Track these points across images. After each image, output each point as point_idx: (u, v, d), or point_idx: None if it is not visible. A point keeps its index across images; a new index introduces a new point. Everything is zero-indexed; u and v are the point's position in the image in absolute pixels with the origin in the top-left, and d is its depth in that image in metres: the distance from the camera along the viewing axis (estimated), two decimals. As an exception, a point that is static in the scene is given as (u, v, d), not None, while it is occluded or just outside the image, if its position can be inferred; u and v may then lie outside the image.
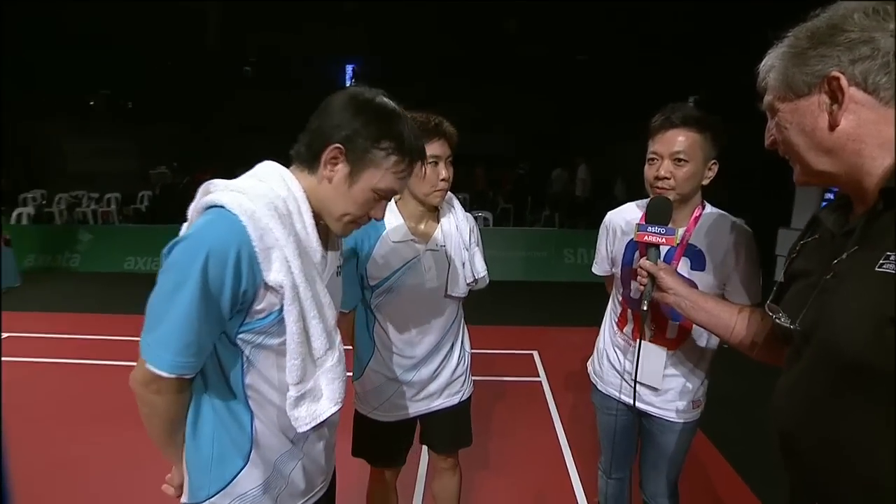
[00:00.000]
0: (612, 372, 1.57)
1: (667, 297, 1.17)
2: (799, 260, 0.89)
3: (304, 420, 0.94)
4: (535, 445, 2.78)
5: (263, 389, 0.93)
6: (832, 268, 0.74)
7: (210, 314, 0.83)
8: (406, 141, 0.94)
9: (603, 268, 1.61)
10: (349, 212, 0.95)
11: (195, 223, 0.86)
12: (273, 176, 0.92)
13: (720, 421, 2.44)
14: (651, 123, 1.35)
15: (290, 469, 1.00)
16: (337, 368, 0.98)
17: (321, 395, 0.96)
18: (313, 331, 0.92)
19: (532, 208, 10.11)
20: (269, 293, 0.87)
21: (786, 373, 0.83)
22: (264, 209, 0.84)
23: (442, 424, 1.66)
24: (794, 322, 0.80)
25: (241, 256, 0.82)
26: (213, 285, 0.81)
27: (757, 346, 1.07)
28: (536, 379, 3.64)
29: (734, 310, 1.14)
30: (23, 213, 8.37)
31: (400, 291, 1.47)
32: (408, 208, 1.50)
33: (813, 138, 0.73)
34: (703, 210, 1.40)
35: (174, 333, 0.81)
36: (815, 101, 0.72)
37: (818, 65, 0.70)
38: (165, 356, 0.83)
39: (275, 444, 0.97)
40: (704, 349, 1.45)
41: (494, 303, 5.68)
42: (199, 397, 0.94)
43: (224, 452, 0.93)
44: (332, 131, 0.91)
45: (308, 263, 0.91)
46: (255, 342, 0.90)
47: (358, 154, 0.91)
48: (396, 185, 0.96)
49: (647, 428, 1.55)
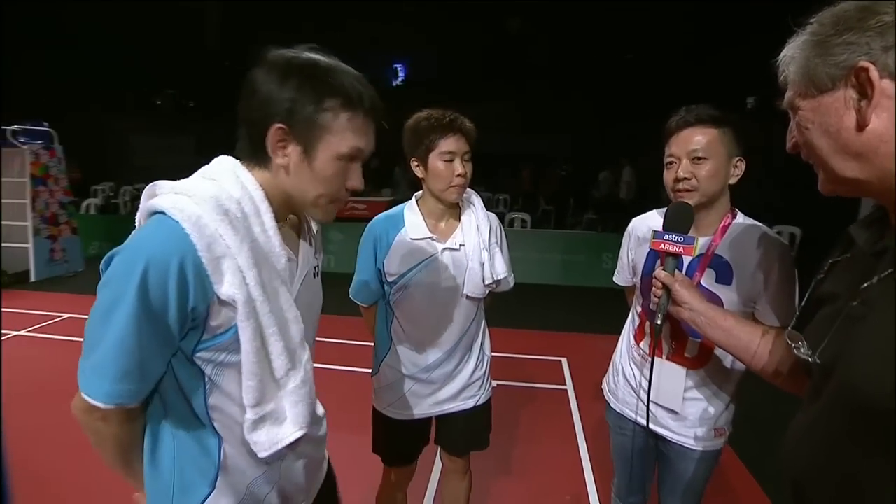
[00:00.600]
0: (628, 390, 1.47)
1: (681, 312, 1.09)
2: (827, 282, 0.78)
3: (263, 445, 0.83)
4: (555, 455, 2.69)
5: (230, 410, 0.83)
6: (860, 293, 0.64)
7: (154, 335, 0.72)
8: (352, 90, 0.80)
9: (624, 277, 1.52)
10: (322, 192, 0.83)
11: (136, 232, 0.76)
12: (226, 173, 0.80)
13: (751, 438, 2.26)
14: (665, 127, 1.26)
15: (266, 493, 0.90)
16: (301, 390, 0.86)
17: (284, 419, 0.85)
18: (272, 349, 0.81)
19: (574, 211, 9.88)
20: (224, 308, 0.76)
21: (802, 412, 0.74)
22: (212, 213, 0.73)
23: (456, 426, 1.63)
24: (814, 354, 0.70)
25: (185, 269, 0.71)
26: (155, 303, 0.70)
27: (781, 375, 0.96)
28: (563, 387, 3.54)
29: (757, 331, 1.02)
30: (91, 204, 9.06)
31: (416, 289, 1.47)
32: (427, 206, 1.50)
33: (838, 140, 0.63)
34: (734, 219, 1.28)
35: (110, 359, 0.72)
36: (841, 97, 0.62)
37: (843, 54, 0.60)
38: (102, 385, 0.73)
39: (246, 468, 0.87)
40: (730, 371, 1.32)
41: (526, 305, 5.61)
42: (158, 422, 0.83)
43: (187, 481, 0.84)
44: (267, 111, 0.78)
45: (269, 272, 0.80)
46: (215, 360, 0.80)
47: (304, 126, 0.78)
48: (361, 142, 0.83)
49: (663, 452, 1.44)
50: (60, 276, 6.23)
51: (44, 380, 3.38)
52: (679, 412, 1.33)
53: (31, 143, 6.03)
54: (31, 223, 5.98)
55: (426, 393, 1.55)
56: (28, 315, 4.70)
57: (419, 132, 1.40)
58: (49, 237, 6.21)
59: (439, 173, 1.40)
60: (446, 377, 1.54)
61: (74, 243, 6.53)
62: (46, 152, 6.20)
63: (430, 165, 1.41)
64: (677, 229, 1.13)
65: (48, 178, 6.21)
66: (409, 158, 1.45)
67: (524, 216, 7.94)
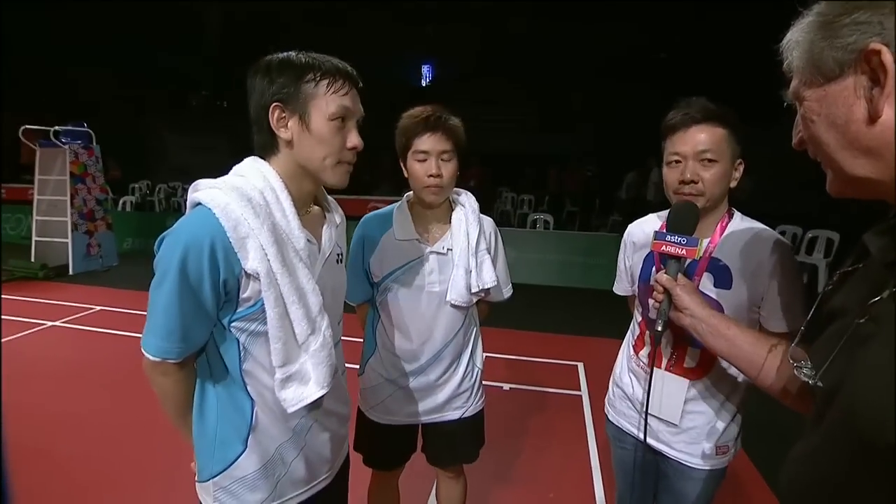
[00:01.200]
0: (626, 402, 1.40)
1: (682, 318, 1.01)
2: (837, 294, 0.70)
3: (290, 402, 0.96)
4: (565, 462, 2.63)
5: (261, 376, 0.97)
6: (868, 309, 0.57)
7: (193, 304, 0.88)
8: (324, 64, 0.95)
9: (623, 286, 1.45)
10: (326, 153, 0.96)
11: (181, 219, 0.93)
12: (251, 170, 0.97)
13: (766, 444, 2.14)
14: (666, 121, 1.18)
15: (292, 458, 1.03)
16: (321, 353, 0.98)
17: (309, 379, 0.98)
18: (294, 315, 0.95)
19: (599, 212, 9.69)
20: (252, 281, 0.91)
21: (803, 440, 0.67)
22: (237, 201, 0.89)
23: (440, 437, 1.59)
24: (817, 376, 0.64)
25: (215, 248, 0.87)
26: (193, 277, 0.87)
27: (790, 395, 0.86)
28: (577, 392, 3.46)
29: (764, 345, 0.92)
30: (127, 201, 9.44)
31: (399, 291, 1.44)
32: (416, 207, 1.46)
33: (846, 134, 0.56)
34: (731, 219, 1.21)
35: (159, 321, 0.89)
36: (850, 85, 0.55)
37: (852, 35, 0.53)
38: (153, 341, 0.91)
39: (275, 432, 1.00)
40: (735, 383, 1.23)
41: (546, 308, 5.54)
42: (204, 382, 1.00)
43: (226, 436, 0.98)
44: (264, 101, 0.94)
45: (288, 250, 0.94)
46: (248, 329, 0.95)
47: (294, 98, 0.93)
48: (346, 101, 0.96)
49: (662, 469, 1.36)
50: (96, 270, 6.51)
51: (74, 370, 3.54)
52: (679, 426, 1.26)
53: (71, 143, 6.33)
54: (70, 219, 6.27)
55: (407, 400, 1.50)
56: (64, 306, 4.94)
57: (400, 131, 1.38)
58: (86, 232, 6.51)
59: (414, 173, 1.36)
60: (430, 386, 1.50)
61: (109, 238, 6.82)
62: (85, 151, 6.50)
63: (408, 165, 1.38)
64: (681, 230, 1.07)
65: (86, 175, 6.51)
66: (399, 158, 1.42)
67: (547, 217, 7.83)
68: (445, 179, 1.36)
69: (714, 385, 1.24)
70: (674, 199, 1.19)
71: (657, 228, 1.29)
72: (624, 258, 1.42)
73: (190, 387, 1.01)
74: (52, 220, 6.38)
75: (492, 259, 1.49)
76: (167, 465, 2.33)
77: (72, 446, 2.61)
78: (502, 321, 4.47)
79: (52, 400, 3.08)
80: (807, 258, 6.28)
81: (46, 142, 6.29)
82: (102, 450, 2.57)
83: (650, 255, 1.29)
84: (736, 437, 1.29)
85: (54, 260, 6.26)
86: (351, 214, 1.53)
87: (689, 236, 1.06)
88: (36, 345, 4.02)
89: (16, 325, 4.33)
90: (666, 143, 1.20)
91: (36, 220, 6.45)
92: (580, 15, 10.68)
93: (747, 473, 2.41)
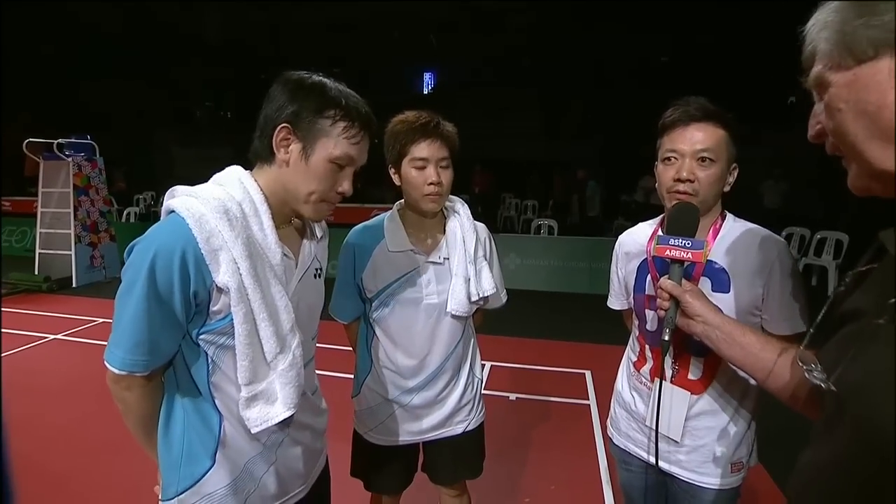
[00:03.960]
0: (631, 423, 1.31)
1: (693, 326, 0.95)
2: (851, 295, 0.66)
3: (255, 422, 0.93)
4: (574, 474, 2.55)
5: (229, 390, 0.94)
6: (887, 308, 0.53)
7: (162, 314, 0.85)
8: (351, 106, 0.94)
9: (619, 300, 1.38)
10: (313, 189, 0.95)
11: (153, 226, 0.90)
12: (231, 180, 0.94)
13: (783, 453, 2.07)
14: (664, 119, 1.13)
15: (262, 472, 1.00)
16: (289, 373, 0.95)
17: (276, 399, 0.95)
18: (263, 333, 0.91)
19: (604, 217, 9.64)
20: (223, 295, 0.88)
21: (812, 448, 0.63)
22: (213, 212, 0.86)
23: (444, 454, 1.52)
24: (829, 380, 0.60)
25: (186, 258, 0.84)
26: (162, 287, 0.83)
27: (800, 400, 0.83)
28: (585, 401, 3.39)
29: (776, 349, 0.88)
30: (131, 212, 9.47)
31: (397, 306, 1.38)
32: (408, 216, 1.40)
33: (878, 122, 0.52)
34: (724, 222, 1.16)
35: (126, 332, 0.85)
36: (885, 68, 0.50)
37: (890, 12, 0.49)
38: (117, 353, 0.86)
39: (244, 446, 0.97)
40: (745, 392, 1.16)
41: (551, 314, 5.48)
42: (171, 396, 0.96)
43: (192, 451, 0.94)
44: (276, 114, 0.92)
45: (262, 265, 0.91)
46: (216, 343, 0.91)
47: (306, 128, 0.92)
48: (352, 150, 0.95)
49: (672, 492, 1.27)
50: (99, 282, 6.51)
51: (77, 382, 3.50)
52: (687, 444, 1.18)
53: (74, 156, 6.36)
54: (74, 231, 6.28)
55: (410, 418, 1.44)
56: (67, 319, 4.92)
57: (392, 137, 1.32)
58: (90, 244, 6.51)
59: (411, 181, 1.31)
60: (432, 402, 1.44)
61: (112, 250, 6.82)
62: (89, 164, 6.52)
63: (403, 173, 1.33)
64: (682, 233, 1.02)
65: (90, 188, 6.53)
66: (387, 166, 1.36)
67: (551, 223, 7.78)
68: (445, 186, 1.32)
69: (721, 397, 1.16)
70: (667, 197, 1.14)
71: (649, 235, 1.25)
72: (617, 270, 1.36)
73: (156, 402, 0.96)
74: (55, 233, 6.39)
75: (489, 265, 1.45)
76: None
77: (74, 460, 2.57)
78: (507, 329, 4.40)
79: (56, 413, 3.04)
80: (815, 260, 6.19)
81: (50, 154, 6.32)
82: (98, 462, 2.53)
83: (644, 264, 1.24)
84: (750, 451, 1.21)
85: (58, 272, 6.26)
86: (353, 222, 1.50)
87: (693, 238, 1.01)
88: (40, 358, 3.99)
89: (20, 338, 4.31)
90: (663, 140, 1.15)
91: (40, 233, 6.47)
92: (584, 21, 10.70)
93: (765, 488, 2.33)
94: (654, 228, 1.27)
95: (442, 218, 1.43)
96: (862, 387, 0.54)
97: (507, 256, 6.50)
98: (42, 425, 2.88)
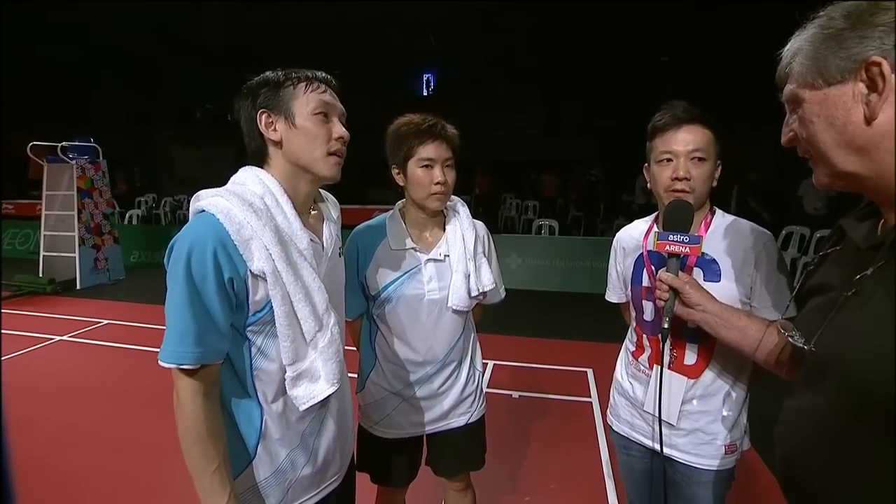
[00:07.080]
0: (630, 409, 1.39)
1: (693, 315, 1.05)
2: (818, 272, 0.82)
3: (302, 399, 0.98)
4: (577, 471, 2.59)
5: (270, 375, 0.99)
6: (854, 283, 0.67)
7: (202, 303, 0.89)
8: (298, 71, 1.02)
9: (617, 294, 1.45)
10: (315, 145, 1.01)
11: (185, 226, 0.95)
12: (249, 178, 1.01)
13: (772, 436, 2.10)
14: (655, 122, 1.22)
15: (302, 463, 1.05)
16: (329, 349, 1.00)
17: (319, 376, 1.00)
18: (301, 313, 0.97)
19: (604, 217, 9.65)
20: (261, 282, 0.93)
21: (794, 397, 0.77)
22: (239, 206, 0.92)
23: (447, 445, 1.57)
24: (809, 343, 0.74)
25: (218, 248, 0.89)
26: (197, 276, 0.88)
27: (784, 365, 0.97)
28: (587, 399, 3.42)
29: (763, 325, 1.01)
30: (133, 215, 9.51)
31: (400, 302, 1.42)
32: (409, 215, 1.45)
33: (844, 134, 0.65)
34: (714, 216, 1.25)
35: (172, 325, 0.90)
36: (850, 91, 0.64)
37: (856, 47, 0.62)
38: (167, 348, 0.90)
39: (284, 438, 1.02)
40: (737, 377, 1.23)
41: (552, 314, 5.51)
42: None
43: (235, 445, 0.98)
44: (251, 112, 1.01)
45: (291, 250, 0.97)
46: (262, 332, 0.97)
47: (277, 104, 1.00)
48: (324, 98, 1.03)
49: (669, 476, 1.33)
50: (103, 284, 6.55)
51: (81, 383, 3.54)
52: (683, 427, 1.25)
53: (78, 158, 6.40)
54: (78, 234, 6.32)
55: (414, 411, 1.48)
56: (71, 321, 4.96)
57: (398, 138, 1.37)
58: (93, 246, 6.55)
59: (418, 181, 1.35)
60: (435, 394, 1.48)
61: (116, 252, 6.87)
62: (92, 166, 6.57)
63: (409, 173, 1.37)
64: (679, 229, 1.10)
65: (93, 190, 6.57)
66: (390, 166, 1.41)
67: (552, 223, 7.81)
68: (450, 186, 1.38)
69: (714, 381, 1.24)
70: (664, 196, 1.21)
71: (645, 231, 1.35)
72: (615, 264, 1.44)
73: (216, 416, 0.93)
74: (59, 235, 6.43)
75: (488, 261, 1.50)
76: (175, 479, 2.31)
77: (79, 460, 2.60)
78: (509, 329, 4.46)
79: (61, 414, 3.08)
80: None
81: (54, 157, 6.36)
82: (110, 463, 2.56)
83: (640, 258, 1.32)
84: (743, 434, 1.28)
85: (62, 274, 6.30)
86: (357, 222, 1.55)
87: (691, 234, 1.09)
88: (44, 359, 4.03)
89: (24, 340, 4.35)
90: (655, 143, 1.23)
91: (44, 236, 6.52)
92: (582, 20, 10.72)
93: (757, 468, 2.36)
94: (650, 225, 1.35)
95: (442, 217, 1.48)
96: (839, 347, 0.67)
97: (509, 256, 6.54)
98: (48, 426, 2.91)
